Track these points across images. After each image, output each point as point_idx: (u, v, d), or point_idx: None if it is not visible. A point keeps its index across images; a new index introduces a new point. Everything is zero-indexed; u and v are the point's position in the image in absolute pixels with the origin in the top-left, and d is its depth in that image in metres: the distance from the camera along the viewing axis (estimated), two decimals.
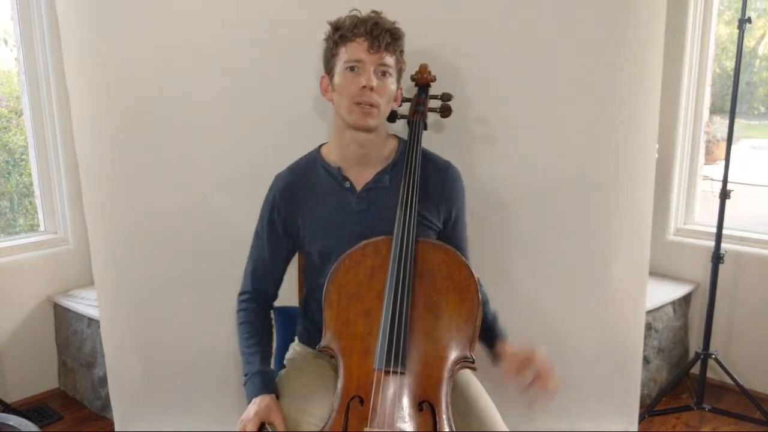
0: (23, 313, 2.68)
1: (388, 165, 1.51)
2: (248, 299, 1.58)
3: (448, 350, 1.34)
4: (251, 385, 1.42)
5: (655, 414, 2.52)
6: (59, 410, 2.66)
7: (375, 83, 1.39)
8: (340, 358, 1.34)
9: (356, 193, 1.49)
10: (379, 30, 1.38)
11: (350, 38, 1.40)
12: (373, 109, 1.40)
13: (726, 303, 2.73)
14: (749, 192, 3.46)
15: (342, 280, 1.39)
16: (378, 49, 1.38)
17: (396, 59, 1.44)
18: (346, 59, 1.40)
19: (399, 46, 1.44)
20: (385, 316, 1.32)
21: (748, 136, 3.82)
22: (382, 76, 1.41)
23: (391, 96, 1.45)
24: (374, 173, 1.50)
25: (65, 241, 2.81)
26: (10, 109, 2.82)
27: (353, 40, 1.39)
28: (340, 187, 1.50)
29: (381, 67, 1.40)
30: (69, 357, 2.73)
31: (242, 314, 1.56)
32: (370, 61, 1.39)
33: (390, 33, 1.40)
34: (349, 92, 1.40)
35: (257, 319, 1.55)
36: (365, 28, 1.38)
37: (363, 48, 1.39)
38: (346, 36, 1.40)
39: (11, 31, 2.65)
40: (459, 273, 1.39)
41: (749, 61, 3.26)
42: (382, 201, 1.48)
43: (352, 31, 1.39)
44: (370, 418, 1.25)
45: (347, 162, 1.50)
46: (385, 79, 1.42)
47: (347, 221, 1.48)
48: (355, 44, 1.39)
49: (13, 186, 2.86)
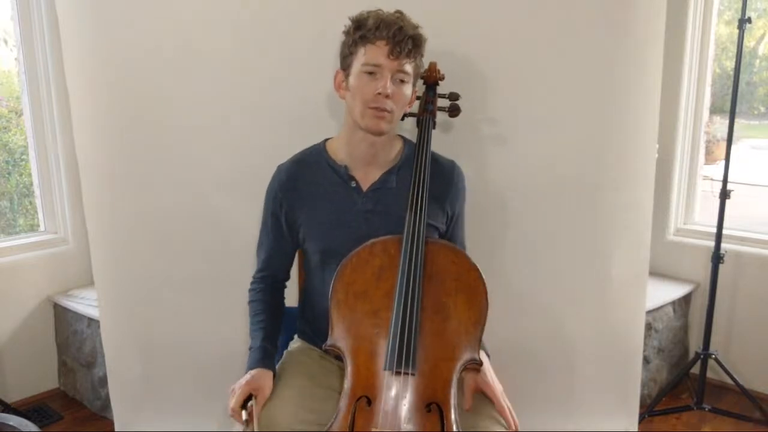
0: (23, 313, 2.68)
1: (395, 166, 1.50)
2: (259, 279, 1.60)
3: (457, 352, 1.34)
4: (250, 359, 1.44)
5: (655, 414, 2.52)
6: (59, 410, 2.66)
7: (391, 90, 1.36)
8: (348, 357, 1.34)
9: (362, 193, 1.48)
10: (402, 35, 1.34)
11: (371, 39, 1.35)
12: (386, 113, 1.38)
13: (726, 303, 2.73)
14: (749, 192, 3.47)
15: (349, 279, 1.39)
16: (399, 55, 1.35)
17: (415, 65, 1.41)
18: (365, 61, 1.37)
19: (420, 52, 1.41)
20: (395, 317, 1.32)
21: (748, 136, 3.82)
22: (400, 82, 1.39)
23: (405, 101, 1.43)
24: (381, 173, 1.49)
25: (65, 241, 2.81)
26: (10, 109, 2.82)
27: (374, 42, 1.35)
28: (345, 186, 1.49)
29: (399, 74, 1.37)
30: (69, 357, 2.73)
31: (252, 293, 1.58)
32: (388, 67, 1.36)
33: (413, 39, 1.36)
34: (364, 96, 1.38)
35: (264, 298, 1.56)
36: (388, 32, 1.34)
37: (383, 53, 1.35)
38: (367, 37, 1.36)
39: (11, 31, 2.64)
40: (468, 275, 1.39)
41: (749, 61, 3.26)
42: (388, 202, 1.47)
43: (375, 33, 1.35)
44: (377, 419, 1.25)
45: (354, 161, 1.49)
46: (402, 86, 1.39)
47: (352, 221, 1.47)
48: (376, 47, 1.36)
49: (13, 186, 2.85)
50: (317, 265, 1.52)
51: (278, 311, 1.58)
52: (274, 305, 1.57)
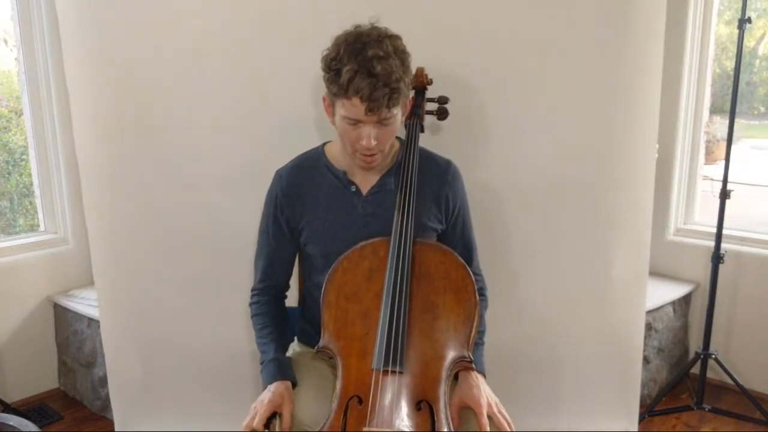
0: (23, 313, 2.68)
1: (392, 167, 1.51)
2: (260, 291, 1.58)
3: (446, 350, 1.35)
4: (266, 373, 1.43)
5: (655, 414, 2.52)
6: (59, 410, 2.66)
7: (374, 141, 1.34)
8: (339, 358, 1.35)
9: (362, 197, 1.49)
10: (378, 94, 1.27)
11: (347, 96, 1.29)
12: (375, 156, 1.40)
13: (726, 303, 2.73)
14: (749, 192, 3.47)
15: (340, 281, 1.40)
16: (377, 111, 1.29)
17: (401, 103, 1.35)
18: (344, 114, 1.33)
19: (402, 95, 1.33)
20: (383, 316, 1.33)
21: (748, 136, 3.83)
22: (384, 126, 1.34)
23: (394, 133, 1.42)
24: (379, 177, 1.50)
25: (65, 241, 2.81)
26: (10, 109, 2.82)
27: (350, 99, 1.29)
28: (345, 191, 1.50)
29: (382, 121, 1.33)
30: (69, 357, 2.73)
31: (254, 307, 1.57)
32: (369, 121, 1.32)
33: (390, 91, 1.28)
34: (350, 141, 1.38)
35: (269, 310, 1.56)
36: (362, 92, 1.26)
37: (360, 111, 1.29)
38: (340, 93, 1.30)
39: (11, 31, 2.65)
40: (456, 273, 1.40)
41: (749, 61, 3.27)
42: (388, 204, 1.47)
43: (348, 91, 1.28)
44: (368, 417, 1.25)
45: (352, 167, 1.50)
46: (388, 127, 1.36)
47: (353, 225, 1.48)
48: (352, 104, 1.30)
49: (13, 186, 2.86)
50: (319, 267, 1.52)
51: (284, 320, 1.58)
52: (279, 316, 1.57)
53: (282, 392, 1.37)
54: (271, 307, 1.56)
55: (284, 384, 1.40)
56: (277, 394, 1.37)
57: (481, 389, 1.37)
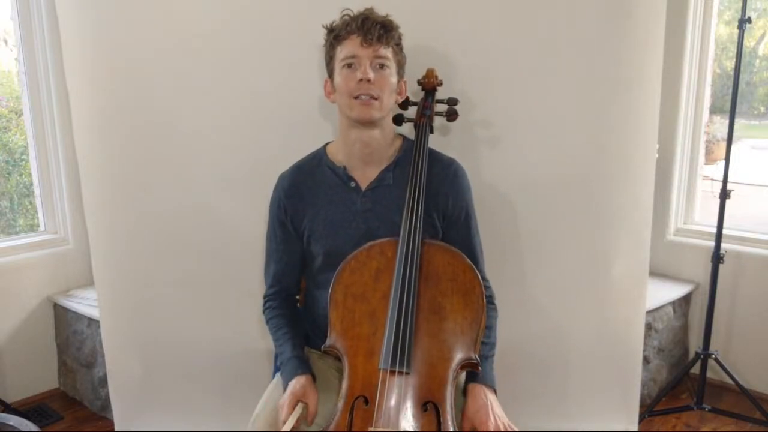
0: (23, 313, 2.68)
1: (392, 163, 1.52)
2: (271, 296, 1.60)
3: (453, 351, 1.35)
4: (285, 371, 1.44)
5: (655, 414, 2.52)
6: (59, 410, 2.66)
7: (372, 75, 1.40)
8: (345, 358, 1.35)
9: (361, 193, 1.50)
10: (370, 23, 1.40)
11: (344, 36, 1.42)
12: (373, 101, 1.41)
13: (726, 303, 2.73)
14: (749, 192, 3.47)
15: (347, 281, 1.40)
16: (371, 42, 1.40)
17: (392, 51, 1.45)
18: (342, 57, 1.43)
19: (393, 38, 1.45)
20: (390, 317, 1.33)
21: (748, 136, 3.83)
22: (380, 68, 1.43)
23: (392, 88, 1.45)
24: (378, 172, 1.51)
25: (65, 241, 2.81)
26: (10, 109, 2.82)
27: (347, 38, 1.42)
28: (345, 187, 1.51)
29: (377, 59, 1.42)
30: (69, 357, 2.73)
31: (268, 312, 1.59)
32: (365, 55, 1.41)
33: (382, 25, 1.42)
34: (348, 88, 1.42)
35: (282, 312, 1.57)
36: (356, 24, 1.41)
37: (356, 43, 1.41)
38: (339, 35, 1.43)
39: (11, 31, 2.65)
40: (464, 275, 1.40)
41: (749, 61, 3.27)
42: (386, 200, 1.48)
43: (345, 30, 1.42)
44: (374, 417, 1.25)
45: (352, 161, 1.51)
46: (383, 71, 1.43)
47: (353, 221, 1.49)
48: (349, 41, 1.42)
49: (13, 186, 2.86)
50: (320, 266, 1.53)
51: (297, 321, 1.60)
52: (292, 317, 1.58)
53: (304, 384, 1.39)
54: (284, 309, 1.58)
55: (305, 377, 1.41)
56: (299, 387, 1.38)
57: (489, 411, 1.34)
